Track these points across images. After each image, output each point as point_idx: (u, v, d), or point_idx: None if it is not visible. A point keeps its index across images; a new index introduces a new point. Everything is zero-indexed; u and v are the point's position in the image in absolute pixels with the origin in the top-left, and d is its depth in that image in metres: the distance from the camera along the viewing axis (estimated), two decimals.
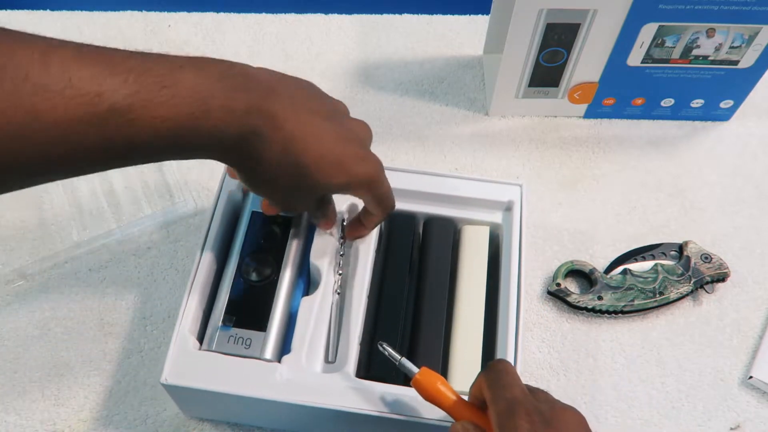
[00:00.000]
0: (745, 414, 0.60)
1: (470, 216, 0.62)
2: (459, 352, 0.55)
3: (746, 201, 0.73)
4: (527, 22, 0.66)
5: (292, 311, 0.56)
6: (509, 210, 0.61)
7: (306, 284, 0.58)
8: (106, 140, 0.37)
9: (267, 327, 0.53)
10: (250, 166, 0.45)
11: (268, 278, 0.55)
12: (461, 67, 0.83)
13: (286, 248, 0.57)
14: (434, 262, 0.59)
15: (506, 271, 0.58)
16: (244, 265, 0.56)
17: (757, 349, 0.63)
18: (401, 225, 0.61)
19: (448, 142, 0.76)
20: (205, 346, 0.53)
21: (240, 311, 0.54)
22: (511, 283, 0.56)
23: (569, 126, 0.78)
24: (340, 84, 0.81)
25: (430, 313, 0.57)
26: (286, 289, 0.55)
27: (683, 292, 0.65)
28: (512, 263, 0.57)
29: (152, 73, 0.38)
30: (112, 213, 0.69)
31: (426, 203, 0.62)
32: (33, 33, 0.35)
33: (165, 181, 0.71)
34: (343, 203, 0.59)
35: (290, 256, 0.57)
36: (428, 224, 0.62)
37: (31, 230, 0.68)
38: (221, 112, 0.41)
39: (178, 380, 0.50)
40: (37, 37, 0.35)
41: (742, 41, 0.67)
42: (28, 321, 0.63)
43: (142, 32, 0.84)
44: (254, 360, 0.52)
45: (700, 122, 0.79)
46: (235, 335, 0.52)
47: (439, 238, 0.61)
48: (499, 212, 0.62)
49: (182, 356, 0.51)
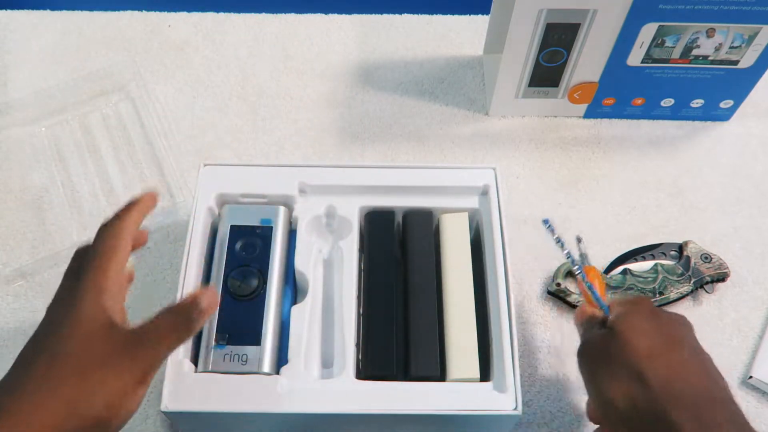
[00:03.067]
0: (745, 414, 0.60)
1: (448, 205, 0.62)
2: (455, 340, 0.55)
3: (746, 201, 0.73)
4: (527, 22, 0.66)
5: (283, 321, 0.56)
6: (485, 194, 0.61)
7: (293, 292, 0.58)
8: None
9: (261, 340, 0.53)
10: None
11: (256, 291, 0.55)
12: (461, 67, 0.83)
13: (269, 259, 0.56)
14: (418, 255, 0.59)
15: (491, 255, 0.57)
16: (230, 280, 0.55)
17: (756, 349, 0.63)
18: (380, 222, 0.61)
19: (448, 142, 0.76)
20: (201, 368, 0.52)
21: (232, 328, 0.53)
22: (497, 265, 0.56)
23: (569, 126, 0.78)
24: (340, 84, 0.81)
25: (421, 305, 0.57)
26: (275, 299, 0.55)
27: (683, 292, 0.65)
28: (496, 246, 0.57)
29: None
30: (112, 213, 0.69)
31: (402, 196, 0.61)
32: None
33: (165, 181, 0.71)
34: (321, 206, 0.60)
35: (275, 266, 0.56)
36: (407, 218, 0.61)
37: (31, 230, 0.68)
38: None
39: (178, 405, 0.50)
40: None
41: (742, 41, 0.67)
42: (28, 321, 0.63)
43: (142, 32, 0.84)
44: (253, 375, 0.51)
45: (700, 122, 0.79)
46: (230, 353, 0.52)
47: (420, 230, 0.61)
48: (475, 197, 0.62)
49: (179, 381, 0.51)
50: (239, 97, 0.79)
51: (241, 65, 0.82)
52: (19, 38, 0.83)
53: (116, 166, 0.73)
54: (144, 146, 0.74)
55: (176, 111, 0.78)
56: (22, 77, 0.80)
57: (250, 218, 0.58)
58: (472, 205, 0.61)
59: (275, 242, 0.57)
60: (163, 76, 0.80)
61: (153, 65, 0.81)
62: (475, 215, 0.62)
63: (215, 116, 0.77)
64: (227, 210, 0.59)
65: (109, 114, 0.77)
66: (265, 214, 0.59)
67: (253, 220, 0.58)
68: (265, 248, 0.57)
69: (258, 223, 0.58)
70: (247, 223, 0.58)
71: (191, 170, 0.72)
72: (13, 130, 0.75)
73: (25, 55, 0.82)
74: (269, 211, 0.59)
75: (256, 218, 0.59)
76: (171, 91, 0.79)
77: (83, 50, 0.82)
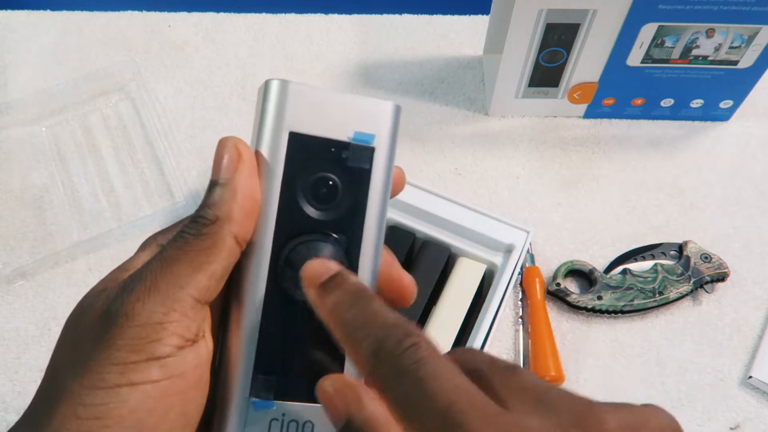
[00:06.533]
0: (744, 414, 0.60)
1: (469, 249, 0.61)
2: None
3: (746, 201, 0.73)
4: (527, 22, 0.66)
5: None
6: (509, 252, 0.61)
7: None
8: None
9: None
10: None
11: None
12: (461, 67, 0.83)
13: (364, 218, 0.29)
14: (419, 284, 0.59)
15: (485, 308, 0.57)
16: (283, 265, 0.28)
17: (756, 349, 0.63)
18: (399, 239, 0.60)
19: (448, 142, 0.76)
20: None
21: (286, 363, 0.28)
22: (486, 317, 0.56)
23: (569, 126, 0.78)
24: (340, 84, 0.81)
25: None
26: None
27: (683, 291, 0.65)
28: (493, 302, 0.57)
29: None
30: (112, 213, 0.69)
31: (428, 224, 0.61)
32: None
33: (165, 181, 0.71)
34: None
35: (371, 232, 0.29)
36: (425, 246, 0.61)
37: (31, 230, 0.68)
38: None
39: None
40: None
41: (741, 41, 0.67)
42: (28, 321, 0.63)
43: (142, 32, 0.84)
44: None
45: (699, 122, 0.79)
46: (281, 418, 0.27)
47: (431, 261, 0.60)
48: (499, 253, 0.61)
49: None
50: (239, 97, 0.79)
51: (241, 65, 0.82)
52: (19, 38, 0.83)
53: (116, 166, 0.73)
54: (144, 146, 0.74)
55: (176, 111, 0.78)
56: (22, 77, 0.80)
57: (332, 125, 0.28)
58: (493, 260, 0.61)
59: (375, 182, 0.29)
60: (163, 76, 0.80)
61: (153, 65, 0.81)
62: (491, 268, 0.61)
63: (215, 116, 0.77)
64: (280, 93, 0.28)
65: (109, 114, 0.77)
66: (360, 119, 0.29)
67: (338, 128, 0.28)
68: (358, 195, 0.29)
69: (347, 137, 0.28)
70: (326, 135, 0.28)
71: (191, 170, 0.72)
72: (13, 130, 0.75)
73: (25, 55, 0.82)
74: (367, 116, 0.29)
75: (343, 127, 0.28)
76: (171, 91, 0.79)
77: (83, 50, 0.82)
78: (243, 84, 0.80)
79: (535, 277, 0.65)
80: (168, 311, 0.25)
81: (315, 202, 0.28)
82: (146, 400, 0.25)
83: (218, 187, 0.27)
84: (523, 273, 0.65)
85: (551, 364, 0.60)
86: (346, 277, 0.26)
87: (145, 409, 0.25)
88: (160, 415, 0.25)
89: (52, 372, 0.27)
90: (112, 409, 0.24)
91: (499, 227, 0.61)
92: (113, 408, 0.24)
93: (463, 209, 0.62)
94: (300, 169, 0.28)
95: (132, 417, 0.25)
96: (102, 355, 0.25)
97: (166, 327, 0.25)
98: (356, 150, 0.28)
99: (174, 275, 0.26)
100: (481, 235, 0.61)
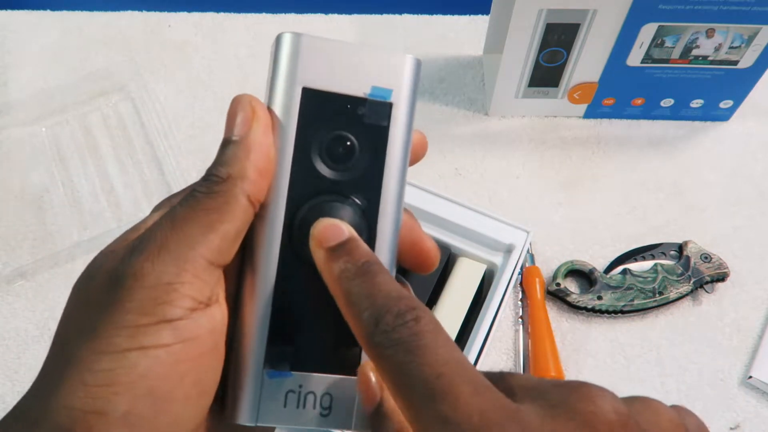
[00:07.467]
0: (744, 414, 0.60)
1: (469, 249, 0.61)
2: None
3: (746, 201, 0.73)
4: (527, 22, 0.66)
5: None
6: (509, 252, 0.61)
7: None
8: None
9: None
10: None
11: None
12: (461, 67, 0.83)
13: (382, 179, 0.27)
14: (416, 284, 0.59)
15: (485, 308, 0.57)
16: (297, 226, 0.26)
17: (756, 349, 0.63)
18: None
19: (448, 142, 0.76)
20: (234, 417, 0.26)
21: (302, 334, 0.26)
22: (486, 317, 0.56)
23: (569, 126, 0.78)
24: None
25: None
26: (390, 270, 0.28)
27: (683, 292, 0.65)
28: (493, 302, 0.57)
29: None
30: (112, 213, 0.69)
31: (428, 224, 0.61)
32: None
33: (165, 181, 0.71)
34: None
35: (391, 194, 0.27)
36: None
37: (31, 230, 0.68)
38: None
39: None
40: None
41: (741, 41, 0.67)
42: (28, 321, 0.63)
43: (142, 32, 0.84)
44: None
45: (699, 122, 0.79)
46: (297, 390, 0.26)
47: None
48: (499, 253, 0.61)
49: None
50: None
51: (241, 65, 0.82)
52: (19, 38, 0.83)
53: (116, 166, 0.73)
54: (144, 146, 0.74)
55: (176, 111, 0.78)
56: (22, 77, 0.80)
57: (347, 80, 0.27)
58: (493, 260, 0.61)
59: (393, 140, 0.27)
60: (163, 76, 0.80)
61: (153, 65, 0.81)
62: (492, 268, 0.62)
63: (215, 116, 0.77)
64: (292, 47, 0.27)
65: (109, 114, 0.77)
66: (377, 74, 0.27)
67: (354, 83, 0.27)
68: (376, 154, 0.27)
69: (364, 93, 0.27)
70: (342, 90, 0.27)
71: (191, 170, 0.72)
72: (13, 130, 0.75)
73: (25, 55, 0.82)
74: (385, 70, 0.27)
75: (359, 82, 0.27)
76: (171, 91, 0.79)
77: (83, 50, 0.82)
78: (243, 84, 0.80)
79: (535, 277, 0.65)
80: (179, 272, 0.24)
81: (330, 161, 0.27)
82: (158, 365, 0.23)
83: (231, 144, 0.26)
84: (523, 273, 0.65)
85: (551, 364, 0.60)
86: (357, 245, 0.25)
87: (157, 376, 0.23)
88: (174, 382, 0.24)
89: (60, 339, 0.25)
90: (120, 375, 0.23)
91: (499, 227, 0.61)
92: (122, 374, 0.23)
93: (463, 209, 0.62)
94: (314, 127, 0.26)
95: (143, 383, 0.23)
96: (110, 319, 0.23)
97: (177, 288, 0.24)
98: (373, 106, 0.27)
99: (185, 235, 0.24)
100: (481, 235, 0.61)
